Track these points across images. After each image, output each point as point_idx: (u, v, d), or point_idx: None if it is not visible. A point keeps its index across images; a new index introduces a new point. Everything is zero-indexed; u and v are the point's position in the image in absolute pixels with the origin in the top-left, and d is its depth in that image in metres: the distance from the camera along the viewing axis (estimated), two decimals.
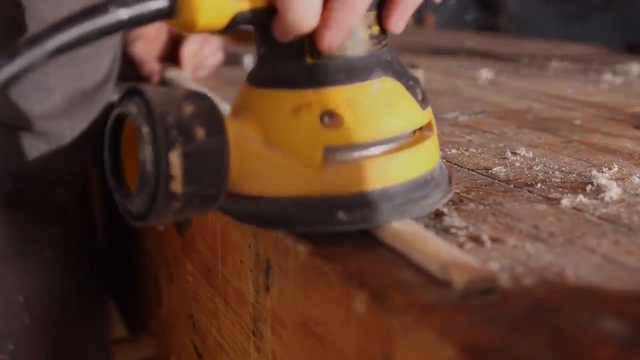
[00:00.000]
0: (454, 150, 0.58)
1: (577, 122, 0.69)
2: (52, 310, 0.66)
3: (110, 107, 0.71)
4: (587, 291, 0.33)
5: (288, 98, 0.38)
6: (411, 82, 0.41)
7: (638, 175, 0.50)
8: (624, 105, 0.78)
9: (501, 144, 0.60)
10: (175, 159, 0.34)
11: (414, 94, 0.40)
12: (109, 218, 0.81)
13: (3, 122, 0.61)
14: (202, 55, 0.96)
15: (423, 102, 0.41)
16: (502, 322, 0.30)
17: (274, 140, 0.38)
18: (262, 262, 0.44)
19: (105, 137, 0.39)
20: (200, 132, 0.35)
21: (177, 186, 0.34)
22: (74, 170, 0.69)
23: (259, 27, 0.39)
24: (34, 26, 0.57)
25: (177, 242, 0.62)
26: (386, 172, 0.38)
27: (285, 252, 0.40)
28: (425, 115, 0.41)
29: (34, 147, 0.63)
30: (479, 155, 0.57)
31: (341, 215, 0.37)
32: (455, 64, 1.13)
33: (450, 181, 0.43)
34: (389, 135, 0.39)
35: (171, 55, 0.96)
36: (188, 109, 0.35)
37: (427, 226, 0.40)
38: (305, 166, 0.37)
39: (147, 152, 0.35)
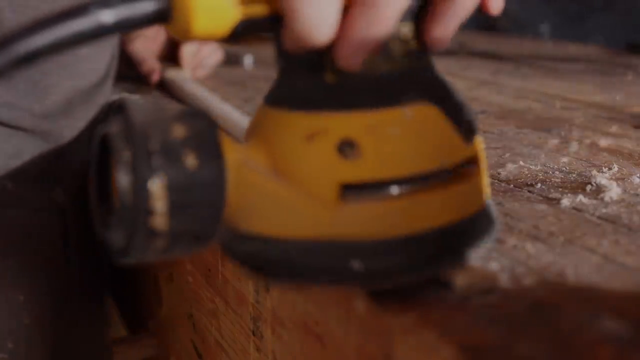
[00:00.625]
0: None
1: (577, 122, 0.69)
2: (52, 308, 0.66)
3: (108, 106, 0.71)
4: (587, 291, 0.33)
5: (302, 121, 0.32)
6: (455, 109, 0.34)
7: (638, 175, 0.50)
8: (624, 105, 0.78)
9: (501, 144, 0.60)
10: (157, 190, 0.29)
11: (457, 124, 0.34)
12: None
13: (2, 121, 0.61)
14: (201, 55, 0.96)
15: (468, 133, 0.34)
16: (502, 322, 0.30)
17: (283, 170, 0.32)
18: None
19: (90, 159, 0.33)
20: (190, 159, 0.29)
21: (159, 222, 0.29)
22: (72, 170, 0.69)
23: (276, 37, 0.33)
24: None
25: None
26: (414, 216, 0.32)
27: None
28: (468, 149, 0.34)
29: (32, 147, 0.63)
30: None
31: (356, 265, 0.31)
32: (455, 64, 1.13)
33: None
34: (420, 172, 0.32)
35: (171, 55, 0.96)
36: (178, 130, 0.30)
37: None
38: (317, 204, 0.32)
39: (124, 181, 0.30)
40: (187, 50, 0.94)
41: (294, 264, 0.32)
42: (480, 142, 0.35)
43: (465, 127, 0.34)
